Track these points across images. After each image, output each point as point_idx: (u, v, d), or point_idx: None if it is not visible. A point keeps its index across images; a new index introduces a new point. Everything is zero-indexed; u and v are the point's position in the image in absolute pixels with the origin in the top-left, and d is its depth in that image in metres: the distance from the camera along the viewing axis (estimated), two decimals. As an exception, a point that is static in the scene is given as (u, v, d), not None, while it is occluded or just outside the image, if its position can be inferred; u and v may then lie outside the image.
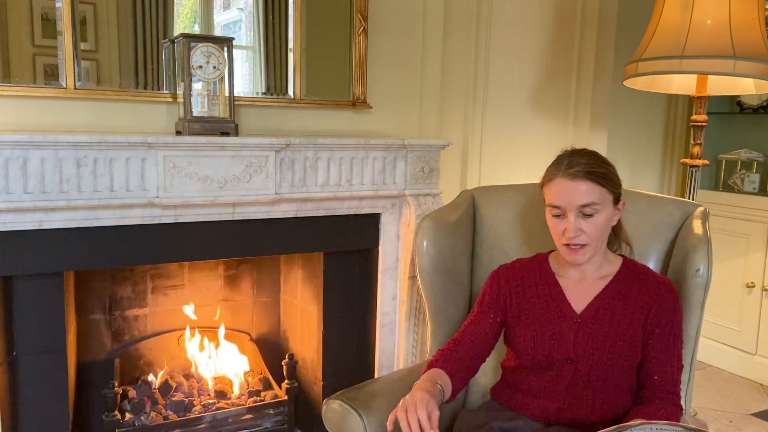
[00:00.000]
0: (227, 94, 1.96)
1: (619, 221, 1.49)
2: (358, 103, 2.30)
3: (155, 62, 1.99)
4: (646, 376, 1.41)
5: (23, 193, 1.67)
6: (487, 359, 1.54)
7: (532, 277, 1.52)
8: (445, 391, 1.39)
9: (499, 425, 1.28)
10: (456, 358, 1.47)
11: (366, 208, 2.20)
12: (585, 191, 1.36)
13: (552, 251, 1.57)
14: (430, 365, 1.46)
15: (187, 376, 2.38)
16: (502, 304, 1.52)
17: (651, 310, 1.40)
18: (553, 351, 1.43)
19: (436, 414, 1.23)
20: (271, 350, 2.56)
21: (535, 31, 2.90)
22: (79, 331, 2.21)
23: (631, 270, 1.47)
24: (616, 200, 1.42)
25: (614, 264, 1.48)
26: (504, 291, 1.52)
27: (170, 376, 2.33)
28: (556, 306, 1.46)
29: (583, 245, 1.39)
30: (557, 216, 1.40)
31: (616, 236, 1.54)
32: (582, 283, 1.47)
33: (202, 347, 2.41)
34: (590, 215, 1.37)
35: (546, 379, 1.44)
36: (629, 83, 2.62)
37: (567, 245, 1.39)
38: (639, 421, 1.13)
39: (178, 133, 1.98)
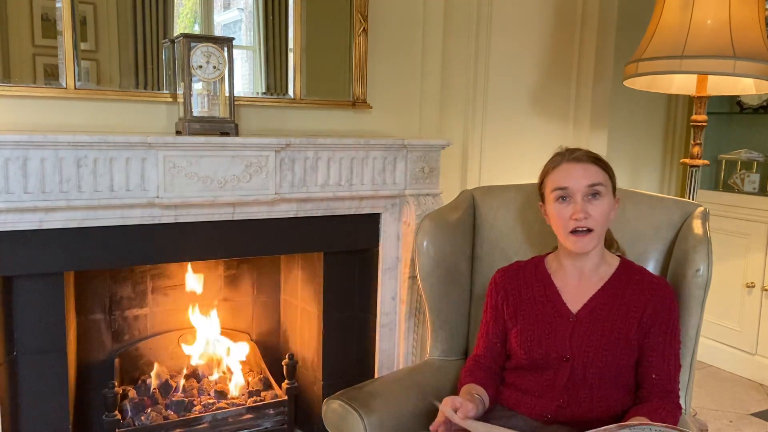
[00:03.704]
0: (227, 94, 1.96)
1: None
2: (358, 103, 2.30)
3: (155, 62, 1.99)
4: (644, 375, 1.41)
5: (23, 193, 1.66)
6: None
7: (528, 278, 1.53)
8: (483, 398, 1.44)
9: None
10: (481, 369, 1.53)
11: (366, 208, 2.20)
12: (593, 172, 1.42)
13: (549, 253, 1.57)
14: (461, 383, 1.52)
15: (187, 376, 2.38)
16: (501, 308, 1.54)
17: (646, 309, 1.41)
18: (549, 350, 1.44)
19: (466, 404, 1.33)
20: (271, 350, 2.56)
21: (535, 32, 2.89)
22: (79, 331, 2.21)
23: (627, 270, 1.48)
24: (614, 192, 1.47)
25: (611, 265, 1.49)
26: (501, 295, 1.55)
27: (170, 376, 2.33)
28: (551, 306, 1.48)
29: (590, 230, 1.40)
30: (562, 201, 1.42)
31: (610, 237, 1.56)
32: (579, 283, 1.48)
33: (201, 347, 2.41)
34: (596, 197, 1.40)
35: (544, 378, 1.45)
36: (629, 83, 2.62)
37: (573, 232, 1.40)
38: (638, 421, 1.13)
39: (178, 133, 1.98)
